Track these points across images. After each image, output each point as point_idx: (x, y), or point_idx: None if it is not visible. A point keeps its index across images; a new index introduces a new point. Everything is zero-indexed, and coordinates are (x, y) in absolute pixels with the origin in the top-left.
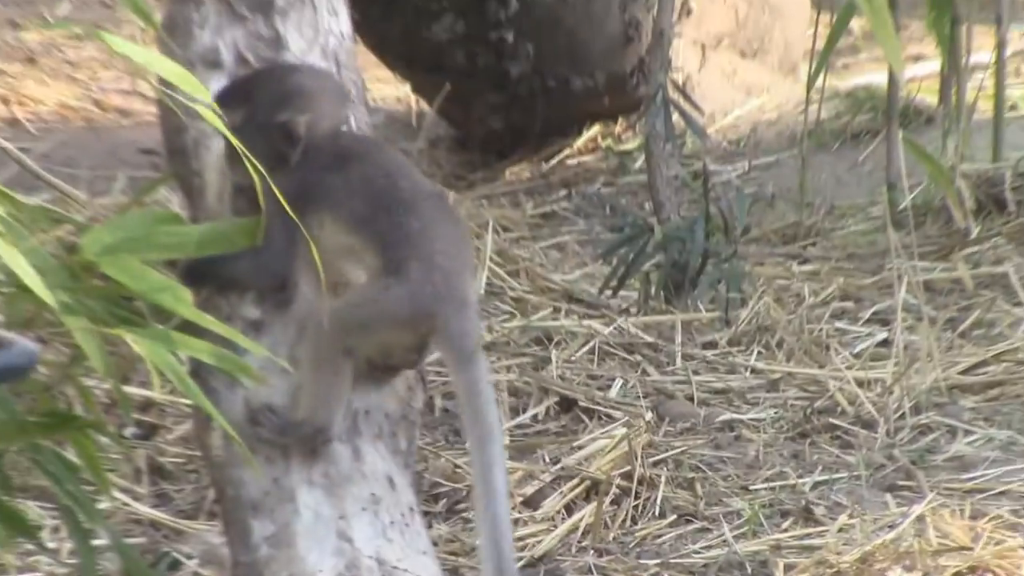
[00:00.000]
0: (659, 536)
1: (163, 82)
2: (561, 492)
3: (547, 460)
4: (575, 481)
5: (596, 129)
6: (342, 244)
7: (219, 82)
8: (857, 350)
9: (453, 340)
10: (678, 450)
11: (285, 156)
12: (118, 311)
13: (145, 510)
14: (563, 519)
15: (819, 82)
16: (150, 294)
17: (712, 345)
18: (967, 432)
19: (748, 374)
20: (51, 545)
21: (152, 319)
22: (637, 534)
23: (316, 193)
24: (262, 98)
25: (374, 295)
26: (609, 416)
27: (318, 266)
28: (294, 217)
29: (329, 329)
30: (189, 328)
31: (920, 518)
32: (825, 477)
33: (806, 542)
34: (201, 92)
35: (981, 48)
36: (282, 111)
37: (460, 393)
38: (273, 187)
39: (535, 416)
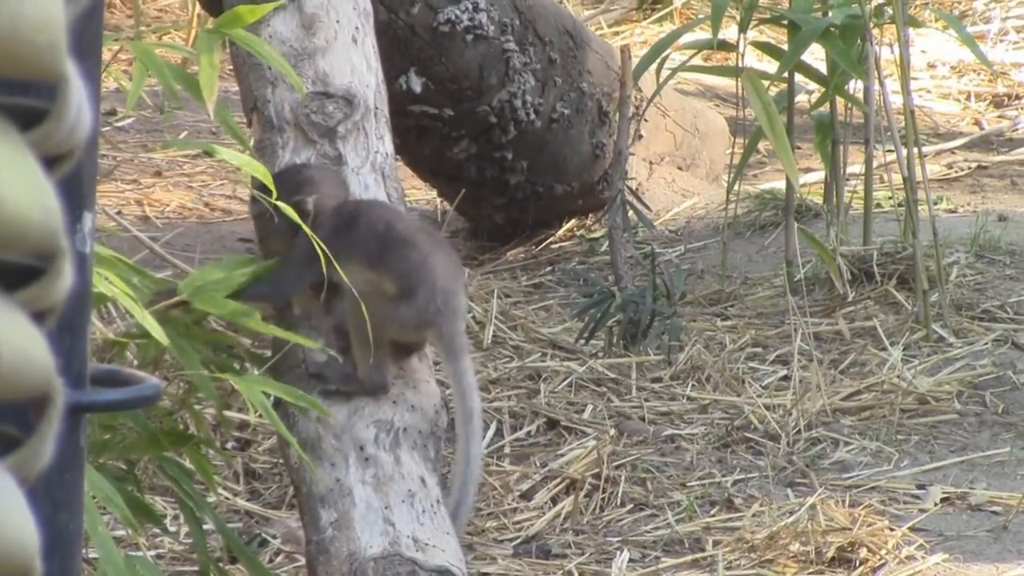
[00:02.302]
0: (620, 520)
1: (257, 186)
2: (548, 488)
3: (538, 464)
4: (558, 480)
5: (573, 222)
6: (366, 279)
7: None
8: (765, 383)
9: (445, 341)
10: (634, 457)
11: (299, 226)
12: (222, 355)
13: (241, 503)
14: (549, 508)
15: (736, 187)
16: (230, 317)
17: (658, 380)
18: (846, 443)
19: (685, 401)
20: (172, 529)
21: (249, 360)
22: (604, 519)
23: (336, 248)
24: (281, 188)
25: (392, 313)
26: (583, 432)
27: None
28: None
29: (365, 329)
30: (274, 370)
31: (812, 507)
32: (742, 476)
33: (729, 524)
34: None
35: (854, 162)
36: (295, 195)
37: (450, 379)
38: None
39: (528, 432)
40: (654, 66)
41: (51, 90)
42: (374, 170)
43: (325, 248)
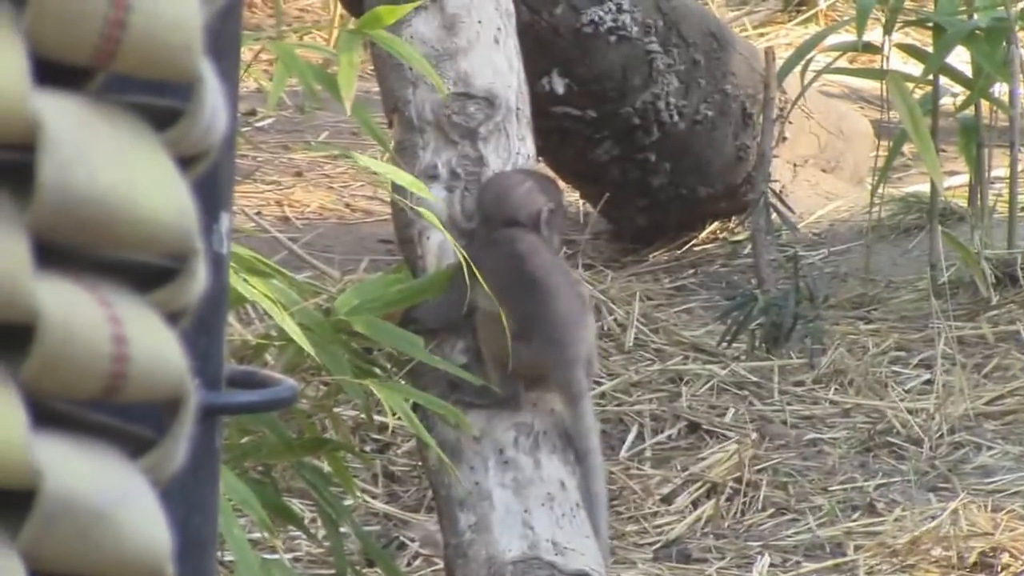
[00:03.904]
0: (761, 525)
1: (396, 188)
2: (689, 492)
3: (679, 468)
4: (699, 483)
5: (716, 225)
6: (489, 307)
7: (437, 190)
8: (908, 387)
9: (561, 388)
10: (775, 461)
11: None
12: (363, 359)
13: (380, 505)
14: (690, 512)
15: (880, 190)
16: (390, 342)
17: (801, 384)
18: (989, 447)
19: (827, 404)
20: (311, 532)
21: (390, 365)
22: (745, 523)
23: (478, 265)
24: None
25: (511, 348)
26: (724, 435)
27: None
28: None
29: (495, 348)
30: (415, 374)
31: (955, 511)
32: (884, 481)
33: (870, 529)
34: (426, 194)
35: (999, 165)
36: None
37: (567, 423)
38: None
39: (669, 436)
40: (798, 68)
41: (186, 90)
42: None
43: (474, 262)
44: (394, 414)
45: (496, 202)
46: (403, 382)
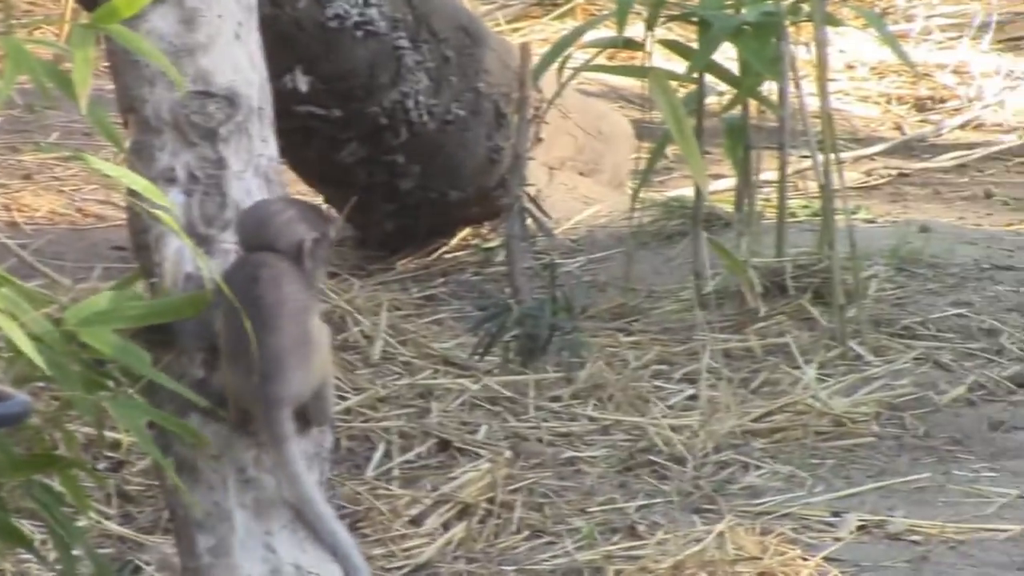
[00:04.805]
0: (516, 548)
1: (131, 192)
2: (439, 513)
3: (429, 488)
4: (450, 504)
5: (468, 231)
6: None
7: (175, 194)
8: (671, 403)
9: (264, 425)
10: (530, 480)
11: None
12: (97, 373)
13: (114, 527)
14: (441, 534)
15: (641, 194)
16: (118, 356)
17: (558, 399)
18: (757, 467)
19: (586, 421)
20: (42, 555)
21: (123, 378)
22: (499, 546)
23: (227, 283)
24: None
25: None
26: (477, 453)
27: None
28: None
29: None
30: (151, 389)
31: (720, 534)
32: (646, 502)
33: (631, 553)
34: (161, 200)
35: (767, 168)
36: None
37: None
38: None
39: (419, 454)
40: (555, 65)
41: None
42: (257, 174)
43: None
44: (127, 431)
45: (256, 229)
46: (138, 397)
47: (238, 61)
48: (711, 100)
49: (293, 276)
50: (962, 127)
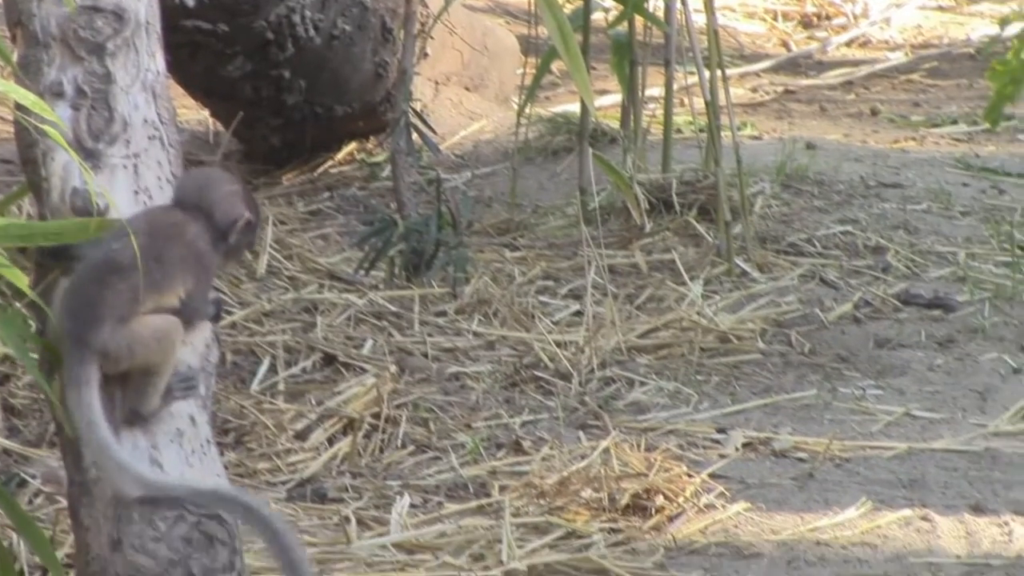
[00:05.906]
0: (401, 463)
1: (19, 107)
2: (324, 428)
3: (313, 403)
4: (335, 419)
5: (353, 145)
6: None
7: (63, 108)
8: (556, 318)
9: (65, 367)
10: (416, 396)
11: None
12: None
13: None
14: (326, 449)
15: (527, 110)
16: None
17: (443, 314)
18: (642, 383)
19: (471, 337)
20: None
21: (10, 293)
22: (384, 461)
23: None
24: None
25: None
26: (362, 368)
27: None
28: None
29: None
30: (34, 306)
31: (606, 450)
32: (531, 417)
33: (516, 468)
34: (49, 115)
35: (653, 84)
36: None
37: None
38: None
39: (304, 368)
40: None
41: None
42: (144, 89)
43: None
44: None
45: (197, 192)
46: (25, 313)
47: None
48: (597, 16)
49: (188, 238)
50: (848, 44)
